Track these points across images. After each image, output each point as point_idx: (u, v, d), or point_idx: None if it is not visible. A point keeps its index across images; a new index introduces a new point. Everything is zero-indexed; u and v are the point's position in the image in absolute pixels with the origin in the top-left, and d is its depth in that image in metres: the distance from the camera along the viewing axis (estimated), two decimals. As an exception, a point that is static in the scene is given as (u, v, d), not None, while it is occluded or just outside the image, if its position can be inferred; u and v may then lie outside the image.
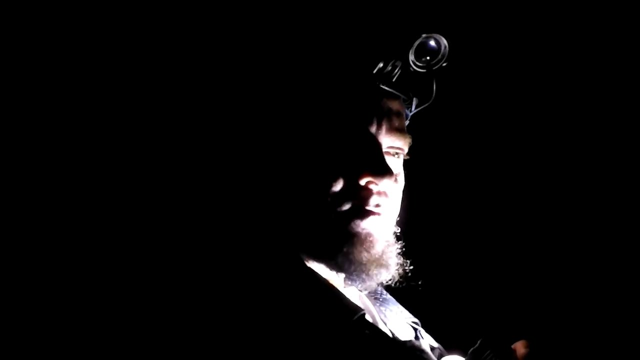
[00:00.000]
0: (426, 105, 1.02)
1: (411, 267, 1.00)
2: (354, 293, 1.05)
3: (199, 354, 0.82)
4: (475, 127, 1.65)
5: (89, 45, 1.27)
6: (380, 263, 0.96)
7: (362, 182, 0.94)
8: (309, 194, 0.94)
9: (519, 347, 0.92)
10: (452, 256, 1.60)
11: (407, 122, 1.03)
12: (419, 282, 1.02)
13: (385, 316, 1.08)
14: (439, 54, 0.97)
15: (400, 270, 0.99)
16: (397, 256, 0.98)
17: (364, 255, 0.94)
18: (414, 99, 1.02)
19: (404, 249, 1.00)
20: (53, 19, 1.25)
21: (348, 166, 0.94)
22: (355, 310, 0.89)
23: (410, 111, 1.03)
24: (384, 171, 0.94)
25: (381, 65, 0.95)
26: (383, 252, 0.96)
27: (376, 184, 0.95)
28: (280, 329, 0.83)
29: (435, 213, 1.59)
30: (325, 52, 0.97)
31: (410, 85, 0.98)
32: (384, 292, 1.12)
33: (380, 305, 1.10)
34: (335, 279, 0.98)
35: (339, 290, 0.94)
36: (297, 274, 0.92)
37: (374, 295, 1.11)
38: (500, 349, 0.92)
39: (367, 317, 0.91)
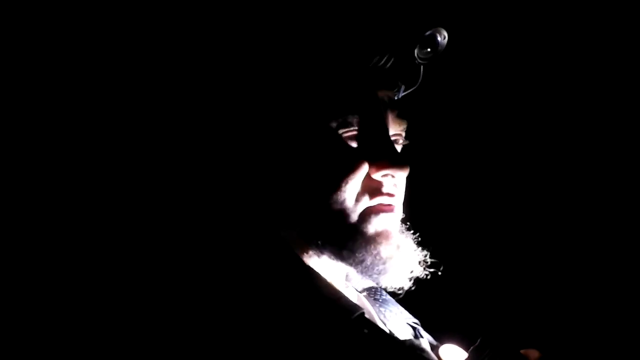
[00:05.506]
0: (412, 89, 1.02)
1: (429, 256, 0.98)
2: (353, 293, 1.04)
3: (196, 354, 0.80)
4: (468, 113, 1.64)
5: (87, 44, 1.27)
6: (403, 257, 0.94)
7: (378, 175, 0.93)
8: (323, 193, 0.92)
9: (532, 355, 0.91)
10: (452, 254, 1.58)
11: None
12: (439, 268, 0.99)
13: (384, 316, 1.06)
14: (441, 46, 0.97)
15: (422, 262, 0.97)
16: (415, 247, 0.97)
17: (391, 252, 0.93)
18: (402, 85, 1.01)
19: (419, 239, 0.98)
20: (52, 18, 1.25)
21: (363, 160, 0.92)
22: (354, 309, 0.87)
23: (397, 97, 1.01)
24: (401, 162, 0.93)
25: (377, 58, 0.94)
26: (403, 245, 0.95)
27: (393, 176, 0.93)
28: (279, 328, 0.81)
29: (436, 209, 1.57)
30: (323, 47, 0.95)
31: (397, 71, 0.98)
32: (384, 293, 1.11)
33: (380, 306, 1.09)
34: (336, 279, 0.97)
35: (338, 290, 0.92)
36: (296, 273, 0.90)
37: (373, 296, 1.10)
38: (501, 348, 0.91)
39: (366, 316, 0.90)
